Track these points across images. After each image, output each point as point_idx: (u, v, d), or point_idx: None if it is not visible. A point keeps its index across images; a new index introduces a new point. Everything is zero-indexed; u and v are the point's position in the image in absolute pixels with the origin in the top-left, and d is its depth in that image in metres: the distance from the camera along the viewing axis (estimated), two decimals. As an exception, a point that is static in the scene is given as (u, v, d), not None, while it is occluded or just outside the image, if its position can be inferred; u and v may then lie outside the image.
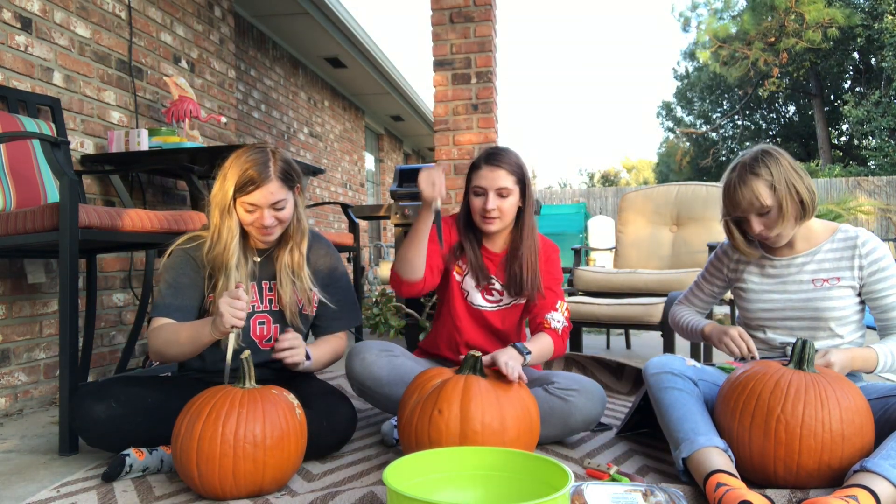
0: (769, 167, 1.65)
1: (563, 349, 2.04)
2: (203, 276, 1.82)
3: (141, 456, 1.68)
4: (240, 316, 1.56)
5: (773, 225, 1.68)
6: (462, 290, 2.08)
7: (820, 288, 1.74)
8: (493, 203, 1.95)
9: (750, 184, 1.65)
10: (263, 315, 1.89)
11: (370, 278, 7.73)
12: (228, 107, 4.22)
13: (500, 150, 2.02)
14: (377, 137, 9.87)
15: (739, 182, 1.67)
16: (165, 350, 1.73)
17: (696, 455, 1.51)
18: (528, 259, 2.02)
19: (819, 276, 1.75)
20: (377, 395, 1.97)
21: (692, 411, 1.61)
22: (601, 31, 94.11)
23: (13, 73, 2.63)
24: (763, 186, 1.65)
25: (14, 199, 2.39)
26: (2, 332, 2.54)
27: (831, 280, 1.73)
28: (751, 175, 1.66)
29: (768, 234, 1.70)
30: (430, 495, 1.31)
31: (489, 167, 1.97)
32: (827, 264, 1.75)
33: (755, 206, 1.66)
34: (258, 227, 1.79)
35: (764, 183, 1.65)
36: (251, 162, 1.74)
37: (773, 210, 1.66)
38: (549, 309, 2.04)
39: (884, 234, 12.61)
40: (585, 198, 13.97)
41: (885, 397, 1.61)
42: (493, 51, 3.75)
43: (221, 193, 1.77)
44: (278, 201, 1.77)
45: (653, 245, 3.75)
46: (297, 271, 1.88)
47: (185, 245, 1.84)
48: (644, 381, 1.79)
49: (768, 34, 17.63)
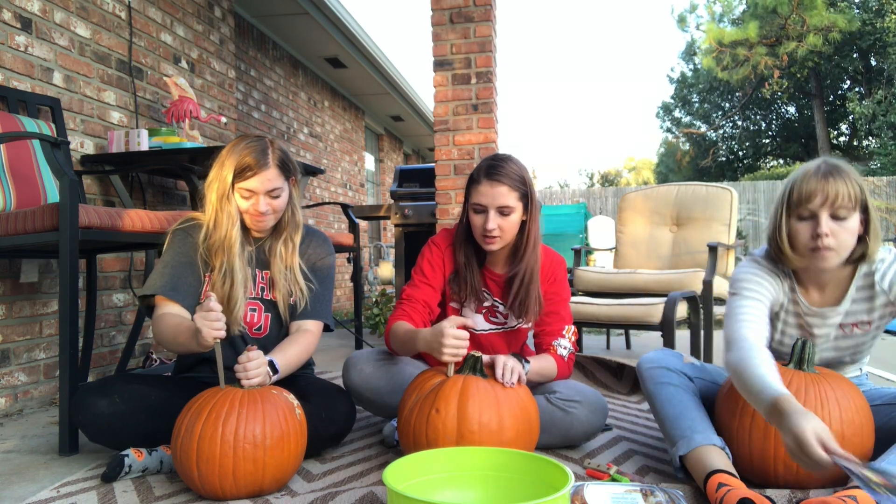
0: (857, 175, 1.51)
1: (566, 375, 1.95)
2: (201, 256, 1.83)
3: (140, 456, 1.69)
4: (218, 327, 1.54)
5: (840, 233, 1.48)
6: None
7: (849, 335, 1.62)
8: (494, 222, 1.82)
9: (844, 177, 1.48)
10: (255, 302, 1.89)
11: (370, 278, 7.74)
12: (228, 107, 4.22)
13: (501, 163, 1.86)
14: (377, 137, 9.87)
15: (829, 173, 1.48)
16: (168, 346, 1.75)
17: (693, 453, 1.51)
18: (530, 277, 1.90)
19: (848, 320, 1.60)
20: (377, 404, 1.96)
21: (688, 408, 1.60)
22: (601, 31, 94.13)
23: (13, 74, 2.63)
24: (851, 184, 1.48)
25: (14, 199, 2.39)
26: (2, 332, 2.54)
27: (861, 325, 1.60)
28: (837, 169, 1.50)
29: (830, 242, 1.47)
30: (430, 495, 1.31)
31: (489, 182, 1.82)
32: (856, 306, 1.59)
33: (835, 202, 1.46)
34: (253, 214, 1.80)
35: (851, 181, 1.48)
36: (250, 149, 1.77)
37: (849, 217, 1.48)
38: (556, 335, 1.93)
39: (884, 235, 12.61)
40: (585, 198, 13.97)
41: (891, 405, 1.59)
42: (493, 51, 3.75)
43: (219, 179, 1.78)
44: (275, 189, 1.80)
45: (653, 245, 3.75)
46: (288, 262, 1.88)
47: (183, 225, 1.86)
48: (638, 376, 1.77)
49: (769, 37, 17.64)
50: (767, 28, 17.52)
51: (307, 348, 1.86)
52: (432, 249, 2.00)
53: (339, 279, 7.38)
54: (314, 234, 2.00)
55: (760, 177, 17.48)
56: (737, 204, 3.62)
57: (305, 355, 1.86)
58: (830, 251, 1.47)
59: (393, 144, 10.47)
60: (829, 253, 1.47)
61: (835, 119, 20.75)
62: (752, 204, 13.35)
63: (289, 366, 1.79)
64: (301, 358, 1.84)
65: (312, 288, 1.91)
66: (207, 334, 1.52)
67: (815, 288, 1.60)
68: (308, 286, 1.90)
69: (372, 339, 4.50)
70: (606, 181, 33.68)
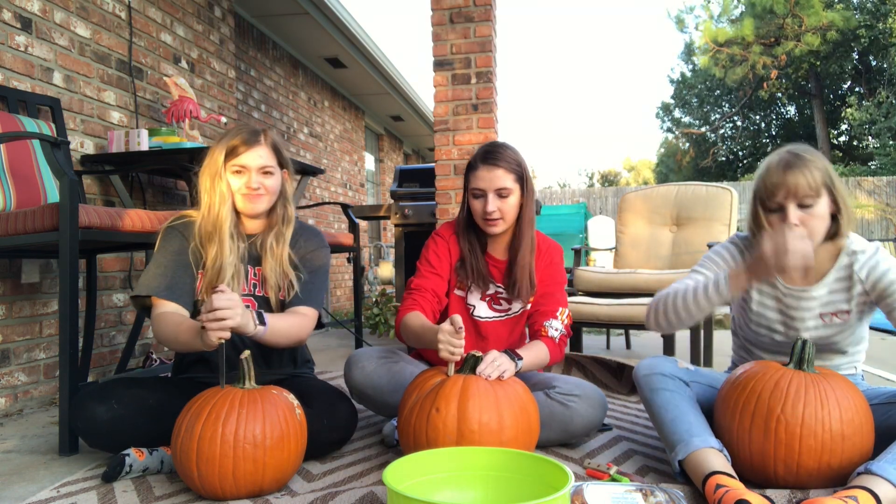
0: (818, 159, 1.55)
1: (559, 357, 1.98)
2: (193, 253, 1.81)
3: (141, 456, 1.68)
4: (227, 326, 1.52)
5: (809, 220, 1.54)
6: (467, 306, 2.04)
7: (829, 324, 1.66)
8: (494, 205, 1.89)
9: (803, 167, 1.52)
10: (248, 299, 1.87)
11: (370, 278, 7.73)
12: (228, 107, 4.22)
13: (497, 148, 1.93)
14: (377, 137, 9.87)
15: (789, 165, 1.54)
16: (169, 345, 1.74)
17: (692, 457, 1.51)
18: (525, 257, 1.95)
19: (827, 309, 1.65)
20: (378, 402, 1.97)
21: (685, 412, 1.60)
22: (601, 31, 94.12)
23: (13, 73, 2.63)
24: (811, 172, 1.52)
25: (14, 199, 2.39)
26: (2, 332, 2.54)
27: (840, 314, 1.64)
28: (798, 158, 1.54)
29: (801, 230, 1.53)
30: (430, 495, 1.31)
31: (486, 167, 1.89)
32: (835, 296, 1.64)
33: (798, 192, 1.52)
34: (245, 193, 1.80)
35: (810, 169, 1.52)
36: (241, 130, 1.82)
37: (815, 203, 1.53)
38: (549, 316, 1.97)
39: (884, 234, 12.62)
40: (585, 198, 13.98)
41: (889, 403, 1.60)
42: (493, 51, 3.75)
43: (211, 163, 1.80)
44: (266, 166, 1.81)
45: (653, 245, 3.75)
46: (279, 257, 1.86)
47: (175, 223, 1.85)
48: (635, 383, 1.78)
49: (767, 37, 17.65)
50: (766, 28, 17.53)
51: (301, 326, 1.81)
52: (437, 240, 2.04)
53: (340, 279, 7.38)
54: (306, 227, 2.00)
55: (760, 177, 17.45)
56: (737, 204, 3.62)
57: (297, 330, 1.80)
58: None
59: (393, 144, 10.47)
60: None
61: (835, 119, 20.75)
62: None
63: (277, 326, 1.71)
64: (292, 330, 1.77)
65: (303, 278, 1.89)
66: (212, 335, 1.51)
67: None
68: (298, 276, 1.88)
69: (372, 339, 4.50)
70: (606, 181, 33.70)
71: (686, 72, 23.00)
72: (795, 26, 17.00)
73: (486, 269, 2.01)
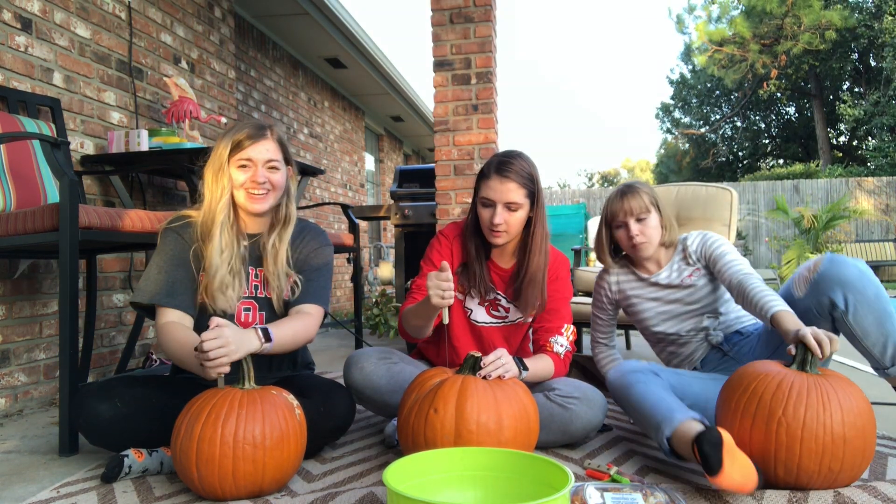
0: (644, 187, 2.08)
1: (563, 373, 1.99)
2: (192, 254, 1.79)
3: (140, 457, 1.68)
4: (223, 363, 1.51)
5: (646, 230, 2.03)
6: (464, 309, 2.04)
7: (688, 285, 2.06)
8: (501, 217, 1.87)
9: (630, 195, 2.04)
10: (249, 301, 1.86)
11: (370, 279, 7.73)
12: (228, 107, 4.22)
13: (512, 159, 1.90)
14: (377, 138, 9.87)
15: (624, 193, 2.05)
16: (171, 358, 1.74)
17: (677, 431, 1.56)
18: (536, 275, 1.94)
19: (679, 280, 2.08)
20: (378, 403, 1.97)
21: (662, 397, 1.68)
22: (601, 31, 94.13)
23: (13, 74, 2.63)
24: (640, 196, 2.03)
25: (14, 199, 2.39)
26: (2, 333, 2.53)
27: (692, 275, 2.06)
28: (630, 188, 2.07)
29: (640, 238, 2.02)
30: (430, 496, 1.31)
31: (499, 178, 1.87)
32: (680, 272, 2.09)
33: (633, 211, 2.01)
34: (251, 186, 1.77)
35: (640, 195, 2.04)
36: (247, 125, 1.82)
37: (648, 217, 2.03)
38: (554, 332, 1.98)
39: (884, 235, 12.62)
40: (585, 198, 13.98)
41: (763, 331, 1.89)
42: (493, 51, 3.75)
43: (215, 156, 1.78)
44: (272, 160, 1.80)
45: (653, 245, 3.75)
46: (280, 256, 1.84)
47: (174, 224, 1.82)
48: (612, 395, 1.85)
49: (765, 37, 17.65)
50: (765, 28, 17.53)
51: (306, 328, 1.78)
52: (441, 241, 2.06)
53: (340, 279, 7.38)
54: (310, 226, 1.99)
55: (760, 177, 17.48)
56: (737, 204, 3.62)
57: (303, 333, 1.77)
58: (644, 243, 2.03)
59: (393, 145, 10.47)
60: (643, 245, 2.04)
61: (834, 119, 20.75)
62: (752, 204, 13.36)
63: (284, 337, 1.69)
64: (298, 335, 1.74)
65: (307, 278, 1.88)
66: (210, 369, 1.51)
67: (649, 264, 2.13)
68: (300, 276, 1.86)
69: (372, 340, 4.50)
70: (606, 181, 33.70)
71: (686, 72, 23.02)
72: (794, 26, 17.00)
73: (489, 277, 2.01)
